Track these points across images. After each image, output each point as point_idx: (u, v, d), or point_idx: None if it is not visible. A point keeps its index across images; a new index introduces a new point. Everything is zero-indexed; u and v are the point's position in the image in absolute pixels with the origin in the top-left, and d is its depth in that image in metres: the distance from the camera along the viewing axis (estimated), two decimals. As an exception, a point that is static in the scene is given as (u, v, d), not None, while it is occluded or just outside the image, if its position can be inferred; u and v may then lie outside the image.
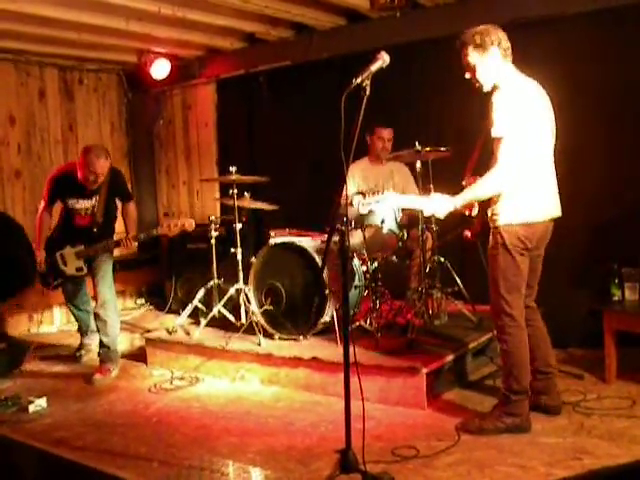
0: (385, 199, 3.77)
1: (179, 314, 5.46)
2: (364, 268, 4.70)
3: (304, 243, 4.66)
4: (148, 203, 7.67)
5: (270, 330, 4.76)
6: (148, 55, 6.63)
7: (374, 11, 5.54)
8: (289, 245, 4.74)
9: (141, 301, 7.40)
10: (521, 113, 3.27)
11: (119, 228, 5.16)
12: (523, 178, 3.31)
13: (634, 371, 4.10)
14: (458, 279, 4.73)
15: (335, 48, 5.95)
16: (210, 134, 7.22)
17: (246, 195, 5.10)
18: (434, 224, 4.70)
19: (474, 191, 3.41)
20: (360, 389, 2.99)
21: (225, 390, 4.51)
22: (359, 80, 2.92)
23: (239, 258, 5.02)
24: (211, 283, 5.23)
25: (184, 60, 7.01)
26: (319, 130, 5.61)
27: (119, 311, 5.40)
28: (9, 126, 6.50)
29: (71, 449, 3.58)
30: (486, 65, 3.37)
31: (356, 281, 4.66)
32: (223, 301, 4.99)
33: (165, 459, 3.38)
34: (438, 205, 3.45)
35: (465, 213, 3.61)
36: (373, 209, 4.33)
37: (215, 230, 5.24)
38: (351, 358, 2.91)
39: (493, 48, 3.34)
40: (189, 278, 6.52)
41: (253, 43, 6.51)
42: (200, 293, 5.20)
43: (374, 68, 2.95)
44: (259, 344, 4.59)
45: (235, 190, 5.03)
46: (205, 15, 5.59)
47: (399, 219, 4.60)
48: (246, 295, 4.86)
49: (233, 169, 5.01)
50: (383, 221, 4.44)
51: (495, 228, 3.39)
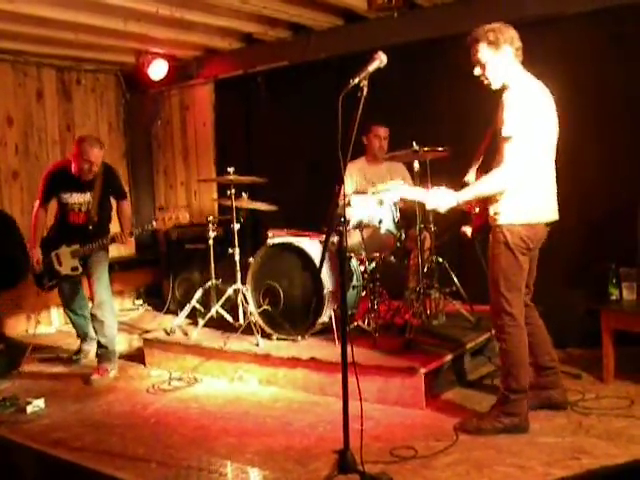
0: (394, 188, 3.77)
1: (177, 315, 5.46)
2: (362, 268, 4.71)
3: (302, 243, 4.66)
4: (146, 203, 7.67)
5: (268, 330, 4.75)
6: (146, 55, 6.62)
7: (371, 11, 5.54)
8: (287, 245, 4.73)
9: (139, 302, 7.38)
10: (530, 114, 3.27)
11: (115, 229, 5.13)
12: (528, 178, 3.31)
13: (632, 371, 4.10)
14: (456, 279, 4.73)
15: (333, 48, 5.95)
16: (208, 134, 7.22)
17: (244, 195, 5.10)
18: (432, 224, 4.70)
19: (478, 188, 3.41)
20: (358, 389, 2.98)
21: (223, 390, 4.51)
22: (356, 80, 2.92)
23: (237, 258, 5.02)
24: (209, 283, 5.23)
25: (182, 60, 7.01)
26: (317, 130, 5.60)
27: (117, 312, 5.38)
28: (7, 127, 6.49)
29: (69, 450, 3.57)
30: (497, 63, 3.36)
31: (354, 281, 4.66)
32: (221, 301, 5.00)
33: (163, 460, 3.37)
34: (441, 199, 3.44)
35: (465, 210, 3.60)
36: (382, 198, 4.32)
37: (213, 230, 5.24)
38: (349, 358, 2.91)
39: (506, 46, 3.34)
40: (187, 278, 6.54)
41: (251, 43, 6.51)
42: (198, 293, 5.20)
43: (371, 68, 2.95)
44: (257, 344, 4.59)
45: (233, 190, 5.03)
46: (203, 15, 5.59)
47: (397, 219, 4.60)
48: (244, 295, 4.86)
49: (231, 169, 5.00)
50: (381, 221, 4.45)
51: (497, 227, 3.38)
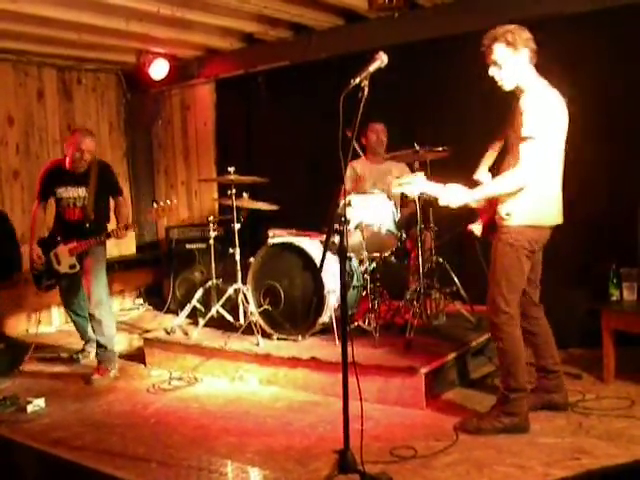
0: (415, 182, 3.74)
1: (177, 314, 5.46)
2: (362, 268, 4.71)
3: (302, 243, 4.66)
4: (146, 203, 7.65)
5: (269, 330, 4.75)
6: (147, 55, 6.63)
7: (372, 11, 5.53)
8: (288, 245, 4.73)
9: (139, 301, 7.38)
10: (547, 118, 3.27)
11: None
12: (539, 181, 3.31)
13: (633, 371, 4.10)
14: (456, 279, 4.73)
15: (333, 48, 5.95)
16: (209, 134, 7.23)
17: (245, 195, 5.10)
18: (432, 223, 4.70)
19: (493, 187, 3.41)
20: (358, 389, 2.98)
21: (224, 390, 4.51)
22: (357, 80, 2.92)
23: (237, 258, 5.02)
24: (209, 283, 5.24)
25: (183, 60, 7.01)
26: (317, 130, 5.62)
27: (116, 311, 5.38)
28: (7, 126, 6.49)
29: (69, 449, 3.57)
30: (514, 64, 3.34)
31: (354, 281, 4.66)
32: (221, 301, 5.00)
33: (163, 459, 3.37)
34: (454, 195, 3.42)
35: (476, 208, 3.57)
36: (405, 191, 4.26)
37: (214, 230, 5.25)
38: (349, 358, 2.92)
39: (523, 49, 3.33)
40: (187, 278, 6.54)
41: (252, 43, 6.51)
42: (198, 293, 5.20)
43: (372, 68, 2.95)
44: (257, 344, 4.59)
45: (233, 190, 5.03)
46: (204, 15, 5.59)
47: (397, 219, 4.60)
48: (244, 295, 4.86)
49: (231, 169, 5.01)
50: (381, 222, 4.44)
51: (505, 227, 3.38)
